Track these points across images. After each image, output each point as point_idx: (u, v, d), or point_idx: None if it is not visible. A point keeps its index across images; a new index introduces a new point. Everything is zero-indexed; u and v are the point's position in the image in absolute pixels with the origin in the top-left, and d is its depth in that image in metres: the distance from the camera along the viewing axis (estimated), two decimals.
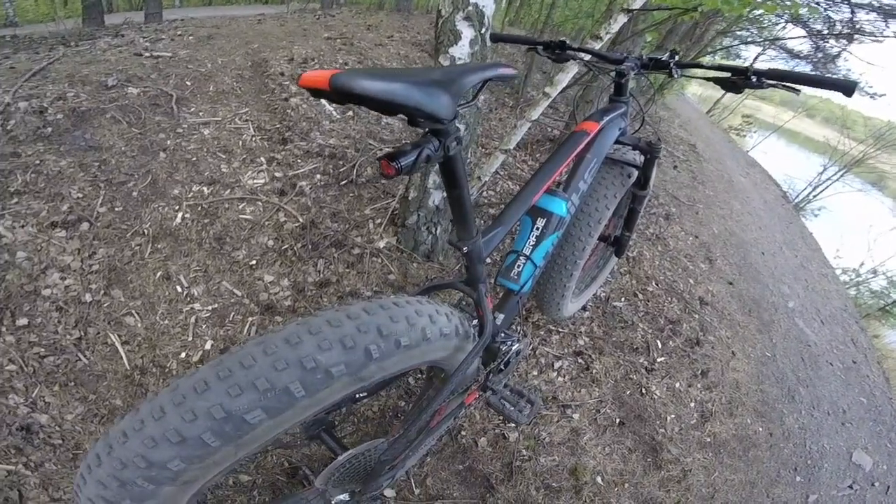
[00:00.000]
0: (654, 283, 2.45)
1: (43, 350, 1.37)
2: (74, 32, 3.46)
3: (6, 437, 1.17)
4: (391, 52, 3.79)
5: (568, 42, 1.27)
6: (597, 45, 1.78)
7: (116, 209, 1.76)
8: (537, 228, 1.05)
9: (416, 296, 0.91)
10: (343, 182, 2.12)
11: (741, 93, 1.10)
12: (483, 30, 1.35)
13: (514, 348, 1.15)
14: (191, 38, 3.12)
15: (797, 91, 1.00)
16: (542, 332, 1.90)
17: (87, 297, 1.51)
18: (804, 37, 4.17)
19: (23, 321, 1.40)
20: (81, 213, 1.70)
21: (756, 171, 6.79)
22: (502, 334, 1.14)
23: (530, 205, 0.99)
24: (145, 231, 1.73)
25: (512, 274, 1.05)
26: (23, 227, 1.60)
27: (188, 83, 2.43)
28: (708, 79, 1.14)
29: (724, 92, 1.19)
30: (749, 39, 5.38)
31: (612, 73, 1.27)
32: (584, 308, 2.07)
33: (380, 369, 0.65)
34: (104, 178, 1.85)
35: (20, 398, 1.26)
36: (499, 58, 5.14)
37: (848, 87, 0.91)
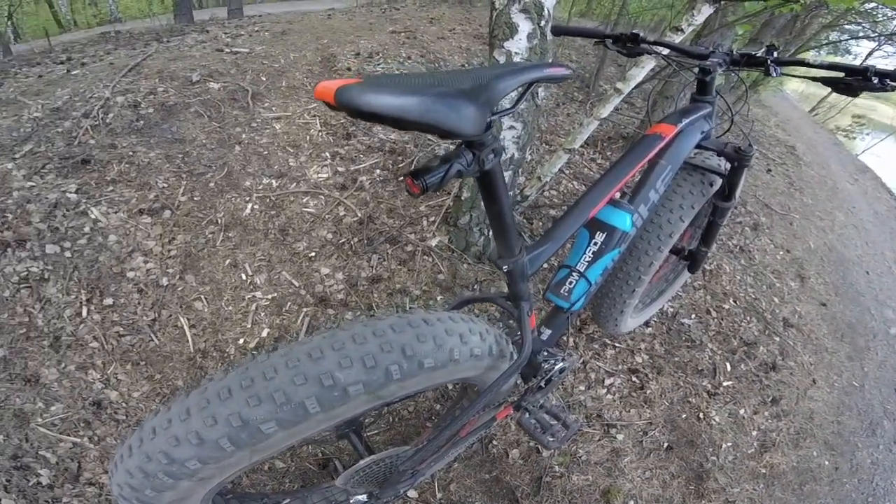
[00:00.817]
0: (731, 301, 2.23)
1: (122, 329, 1.49)
2: (166, 29, 3.75)
3: (79, 411, 1.28)
4: (453, 45, 3.74)
5: (642, 35, 1.13)
6: (677, 39, 1.61)
7: (195, 198, 1.88)
8: (595, 243, 0.94)
9: (451, 310, 0.88)
10: (401, 178, 2.12)
11: (857, 95, 0.92)
12: (542, 22, 1.24)
13: (556, 367, 1.07)
14: (266, 34, 3.27)
15: None
16: (595, 346, 1.80)
17: (164, 281, 1.63)
18: None
19: (108, 301, 1.54)
20: (165, 202, 1.83)
21: (867, 177, 5.97)
22: (545, 352, 1.06)
23: (587, 218, 0.89)
24: (219, 220, 1.83)
25: (562, 290, 0.97)
26: (116, 213, 1.75)
27: (263, 78, 2.54)
28: (815, 79, 0.96)
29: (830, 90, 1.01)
30: (861, 34, 4.72)
31: (696, 70, 1.11)
32: (646, 324, 1.92)
33: (400, 388, 0.64)
34: (186, 169, 1.98)
35: (97, 374, 1.37)
36: (567, 51, 4.92)
37: None
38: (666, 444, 1.62)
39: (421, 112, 0.47)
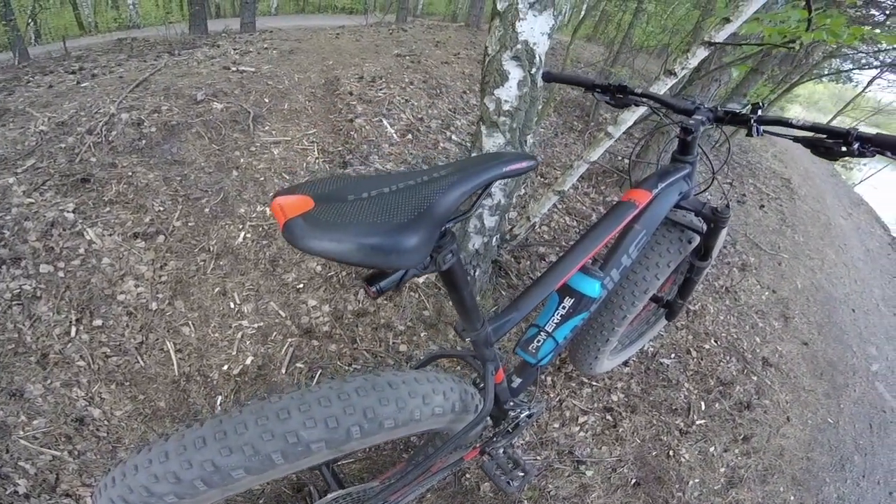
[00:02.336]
0: (712, 341, 2.27)
1: (109, 350, 1.52)
2: (179, 40, 3.83)
3: (62, 426, 1.32)
4: (456, 70, 3.81)
5: (630, 86, 1.16)
6: (670, 82, 1.64)
7: (189, 224, 1.92)
8: (563, 307, 0.97)
9: (420, 366, 0.93)
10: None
11: (836, 160, 0.91)
12: (533, 70, 1.27)
13: (522, 415, 1.12)
14: (275, 52, 3.34)
15: None
16: (573, 384, 1.83)
17: (154, 305, 1.66)
18: None
19: (98, 322, 1.57)
20: (160, 226, 1.87)
21: (861, 210, 6.02)
22: (512, 402, 1.10)
23: (555, 288, 0.92)
24: (211, 248, 1.87)
25: (530, 348, 1.01)
26: (111, 235, 1.79)
27: (266, 100, 2.61)
28: (796, 140, 0.95)
29: (832, 115, 0.98)
30: (864, 62, 4.78)
31: (678, 130, 1.13)
32: (625, 363, 1.96)
33: (361, 444, 0.68)
34: (183, 192, 2.02)
35: (82, 392, 1.41)
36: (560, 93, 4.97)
37: None
38: (634, 480, 1.64)
39: (361, 257, 0.48)
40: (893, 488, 2.17)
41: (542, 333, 1.00)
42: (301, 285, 1.84)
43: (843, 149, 0.85)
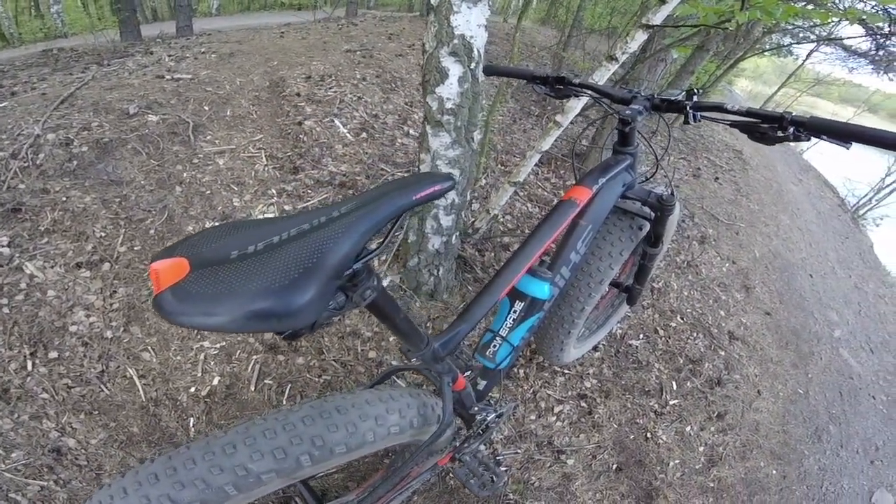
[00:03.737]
0: (679, 318, 2.30)
1: (70, 381, 1.46)
2: (109, 48, 3.60)
3: (40, 457, 1.29)
4: (411, 62, 3.72)
5: (569, 77, 1.14)
6: (613, 67, 1.64)
7: (135, 248, 1.81)
8: (515, 311, 0.96)
9: (376, 383, 0.92)
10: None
11: (772, 144, 0.90)
12: (473, 64, 1.23)
13: (490, 418, 1.11)
14: (213, 55, 3.18)
15: (847, 145, 0.81)
16: (545, 374, 1.83)
17: (109, 334, 1.58)
18: (863, 36, 3.80)
19: (53, 354, 1.50)
20: (104, 253, 1.75)
21: (810, 176, 6.29)
22: (476, 407, 1.08)
23: (501, 295, 0.90)
24: None
25: (488, 353, 0.99)
26: (52, 267, 1.67)
27: (206, 108, 2.47)
28: (732, 125, 0.95)
29: (776, 87, 0.98)
30: (802, 37, 4.96)
31: (616, 122, 1.10)
32: (595, 348, 1.96)
33: (315, 470, 0.68)
34: (124, 214, 1.90)
35: (52, 423, 1.37)
36: (525, 62, 4.97)
37: None
38: (615, 466, 1.66)
39: (245, 326, 0.43)
40: (874, 457, 2.25)
41: (497, 338, 0.98)
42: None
43: (779, 133, 0.85)
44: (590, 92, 1.14)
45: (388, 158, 2.45)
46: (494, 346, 0.98)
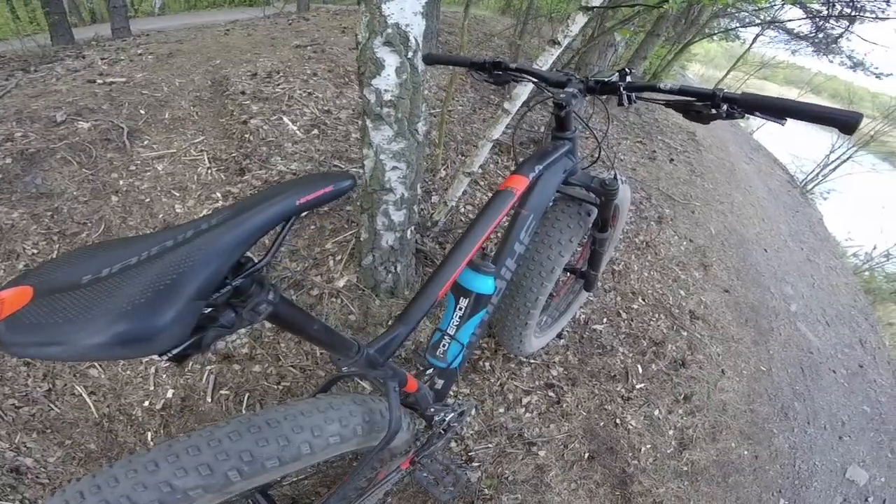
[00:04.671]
0: (640, 300, 2.33)
1: (16, 401, 1.41)
2: (38, 53, 3.36)
3: (0, 478, 1.25)
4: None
5: (506, 62, 1.12)
6: (556, 52, 1.62)
7: None
8: (460, 308, 0.92)
9: (318, 392, 0.88)
10: (304, 213, 2.01)
11: (707, 123, 0.90)
12: (410, 54, 1.17)
13: (448, 418, 1.09)
14: (150, 57, 3.01)
15: (782, 122, 0.81)
16: (511, 365, 1.81)
17: None
18: (804, 18, 3.94)
19: None
20: None
21: (760, 154, 6.52)
22: (433, 409, 1.04)
23: (440, 294, 0.85)
24: None
25: (438, 353, 0.95)
26: None
27: (142, 112, 2.33)
28: (668, 105, 0.94)
29: (726, 71, 0.97)
30: (747, 21, 5.12)
31: (551, 107, 1.09)
32: (559, 336, 1.96)
33: (249, 484, 0.67)
34: (57, 229, 1.77)
35: (5, 444, 1.33)
36: (483, 51, 4.92)
37: (848, 123, 0.72)
38: (587, 454, 1.66)
39: (83, 353, 0.38)
40: (842, 433, 2.32)
41: (445, 337, 0.94)
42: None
43: (713, 111, 0.84)
44: (526, 76, 1.11)
45: (342, 154, 2.37)
46: (444, 345, 0.95)
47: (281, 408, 0.73)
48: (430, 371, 1.08)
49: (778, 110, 0.78)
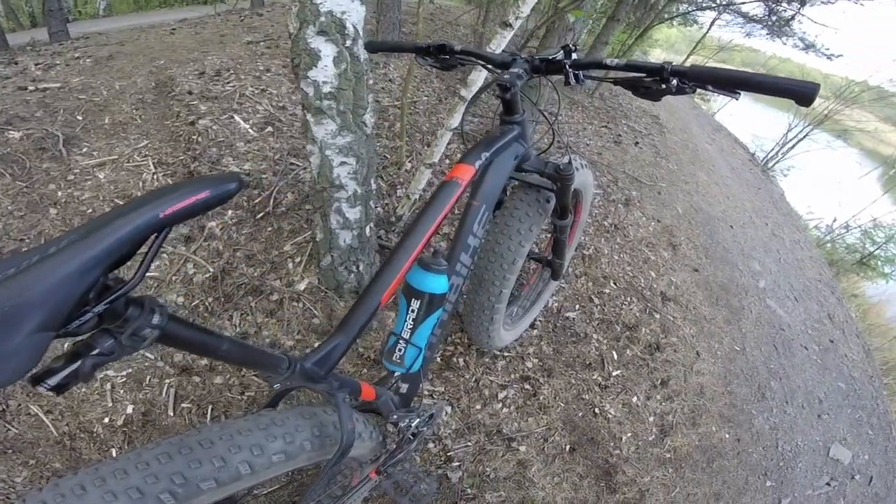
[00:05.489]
0: (612, 283, 2.31)
1: None
2: None
3: None
4: None
5: (451, 45, 1.05)
6: (508, 34, 1.56)
7: None
8: (413, 310, 0.85)
9: (266, 406, 0.81)
10: (260, 215, 1.91)
11: (658, 99, 0.86)
12: (349, 42, 1.10)
13: (413, 424, 1.02)
14: (88, 60, 2.83)
15: (735, 95, 0.77)
16: (486, 359, 1.76)
17: None
18: (757, 0, 4.01)
19: None
20: None
21: (722, 135, 6.66)
22: (395, 415, 0.98)
23: (384, 299, 0.78)
24: None
25: (394, 358, 0.88)
26: None
27: (79, 118, 2.18)
28: (616, 83, 0.90)
29: (686, 56, 0.93)
30: (703, 5, 5.20)
31: (496, 89, 1.02)
32: (532, 326, 1.92)
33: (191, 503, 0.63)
34: None
35: None
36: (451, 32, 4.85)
37: (805, 94, 0.67)
38: (568, 447, 1.63)
39: None
40: (820, 410, 2.34)
41: (400, 342, 0.87)
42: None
43: (662, 86, 0.80)
44: (472, 59, 1.05)
45: (299, 152, 2.27)
46: (399, 349, 0.88)
47: (216, 427, 0.68)
48: (395, 375, 1.02)
49: (730, 82, 0.74)
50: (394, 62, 3.64)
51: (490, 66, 1.05)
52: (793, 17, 4.52)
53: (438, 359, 1.74)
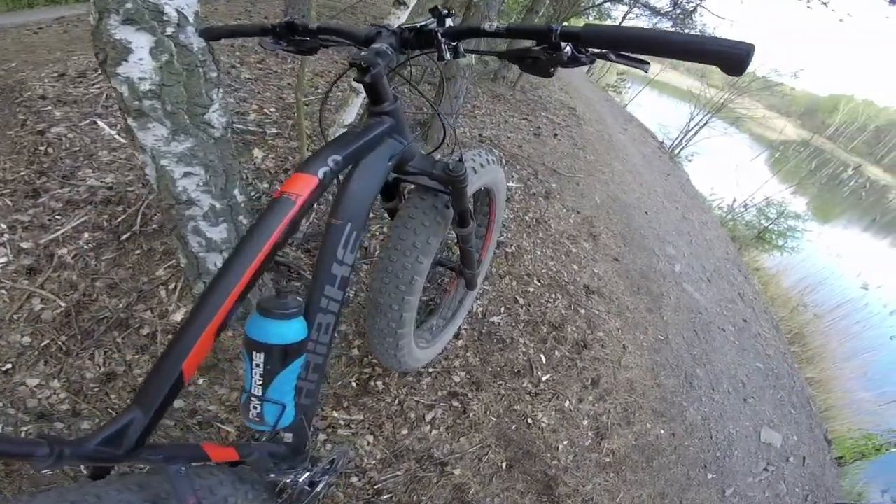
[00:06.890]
0: (536, 281, 2.24)
1: None
2: None
3: None
4: (222, 43, 3.17)
5: (304, 23, 0.84)
6: (403, 14, 1.39)
7: None
8: (258, 365, 0.66)
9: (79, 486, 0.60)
10: (125, 236, 1.61)
11: (550, 75, 0.70)
12: (170, 30, 0.89)
13: (301, 479, 0.84)
14: None
15: (645, 66, 0.64)
16: (409, 379, 1.61)
17: None
18: None
19: None
20: None
21: (633, 125, 6.99)
22: (272, 475, 0.80)
23: (185, 364, 0.58)
24: None
25: (251, 416, 0.69)
26: None
27: None
28: (502, 57, 0.74)
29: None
30: None
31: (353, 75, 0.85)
32: (457, 336, 1.79)
33: None
34: None
35: None
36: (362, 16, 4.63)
37: (733, 57, 0.54)
38: (505, 463, 1.53)
39: None
40: (745, 394, 2.40)
41: (252, 399, 0.68)
42: (8, 366, 1.31)
43: (553, 54, 0.65)
44: (332, 37, 0.85)
45: None
46: (255, 408, 0.68)
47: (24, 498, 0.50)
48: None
49: (638, 46, 0.60)
50: (309, 58, 3.37)
51: (354, 44, 0.85)
52: (694, 10, 4.81)
53: (354, 384, 1.56)
